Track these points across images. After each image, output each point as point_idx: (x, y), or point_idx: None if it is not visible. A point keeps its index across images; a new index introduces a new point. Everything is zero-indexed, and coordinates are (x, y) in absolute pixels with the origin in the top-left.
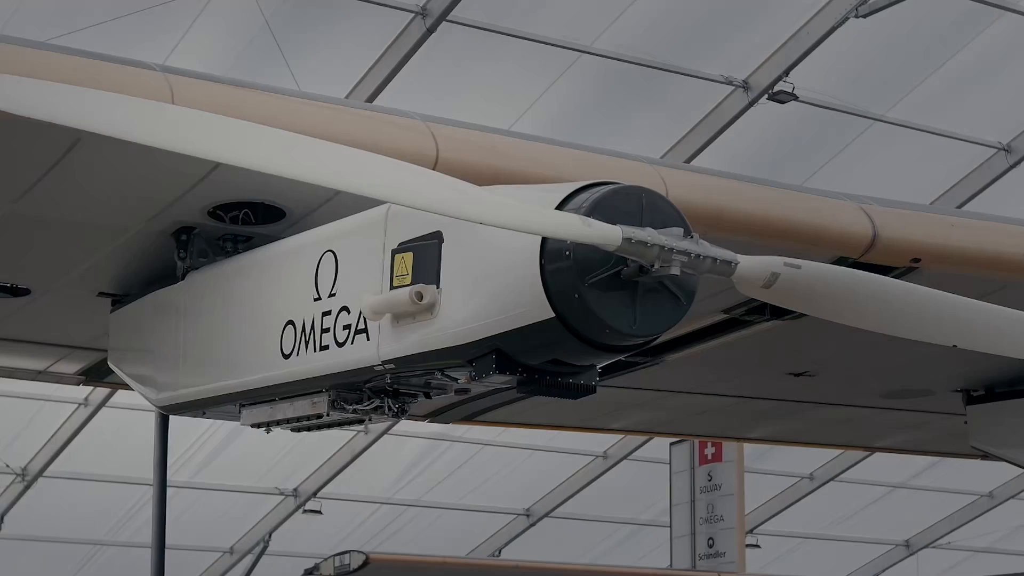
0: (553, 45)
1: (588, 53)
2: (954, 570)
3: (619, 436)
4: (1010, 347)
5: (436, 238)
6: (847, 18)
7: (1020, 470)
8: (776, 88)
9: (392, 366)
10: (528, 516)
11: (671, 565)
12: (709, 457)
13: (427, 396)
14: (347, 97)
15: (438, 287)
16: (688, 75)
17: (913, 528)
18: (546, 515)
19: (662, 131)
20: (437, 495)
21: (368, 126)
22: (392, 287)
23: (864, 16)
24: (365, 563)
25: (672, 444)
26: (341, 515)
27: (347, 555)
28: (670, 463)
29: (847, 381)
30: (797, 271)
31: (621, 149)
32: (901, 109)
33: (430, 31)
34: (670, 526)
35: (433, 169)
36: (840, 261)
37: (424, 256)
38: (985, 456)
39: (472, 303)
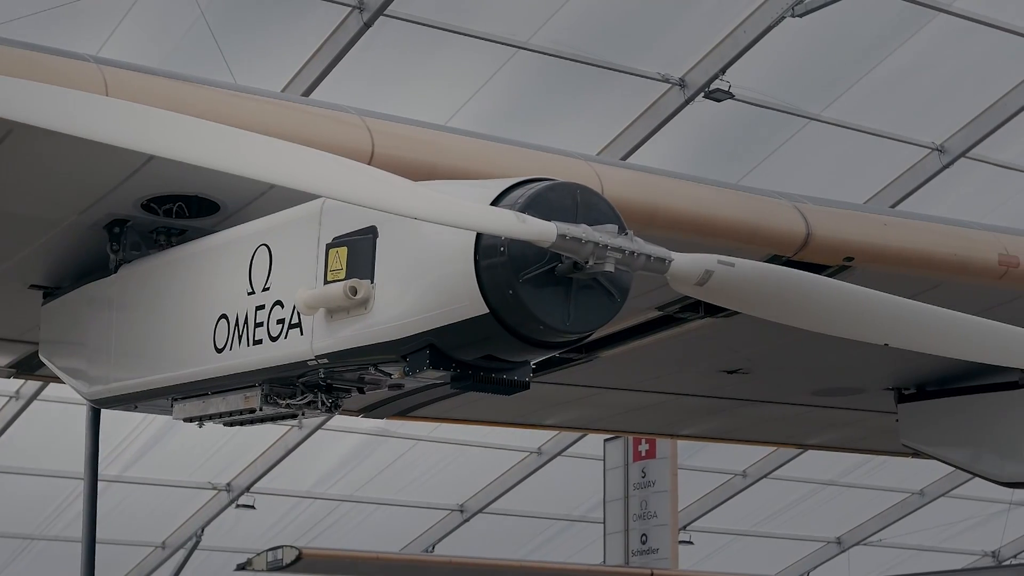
0: (491, 41)
1: (526, 49)
2: (885, 567)
3: (553, 432)
4: (941, 346)
5: (371, 233)
6: (783, 17)
7: (950, 468)
8: (712, 86)
9: (326, 361)
10: (462, 512)
11: (604, 561)
12: (643, 454)
13: (361, 391)
14: (283, 91)
15: (372, 282)
16: (625, 72)
17: (845, 525)
18: (480, 511)
19: (599, 128)
20: (371, 490)
21: (303, 120)
22: (326, 282)
23: (800, 16)
24: (298, 558)
25: (606, 440)
26: (274, 510)
27: (280, 550)
28: (604, 459)
29: (780, 379)
30: (730, 269)
31: (558, 146)
32: (836, 108)
33: (367, 25)
34: (604, 522)
35: (368, 164)
36: (774, 259)
37: (358, 251)
38: (916, 454)
39: (406, 298)
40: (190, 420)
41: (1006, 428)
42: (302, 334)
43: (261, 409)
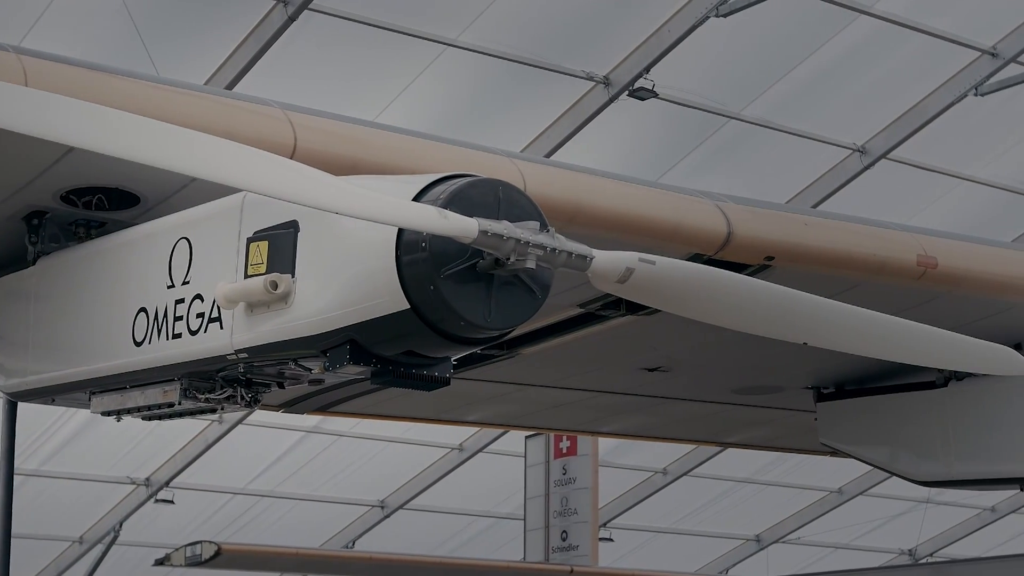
0: (418, 37)
1: (454, 47)
2: (803, 565)
3: (475, 429)
4: (859, 346)
5: (292, 227)
6: (708, 17)
7: (868, 467)
8: (637, 85)
9: (245, 355)
10: (383, 508)
11: (524, 558)
12: (564, 451)
13: (281, 386)
14: (206, 84)
15: (293, 276)
16: (550, 70)
17: (764, 523)
18: (400, 507)
19: (524, 125)
20: (291, 486)
21: (225, 113)
22: (246, 276)
23: (724, 16)
24: (217, 554)
25: (527, 437)
26: (193, 505)
27: (198, 545)
28: (525, 456)
29: (700, 377)
30: (651, 267)
31: (482, 142)
32: (759, 108)
33: (292, 19)
34: (524, 519)
35: (291, 158)
36: (695, 258)
37: (279, 245)
38: (834, 452)
39: (327, 293)
40: (108, 414)
41: (923, 428)
42: (222, 328)
43: (180, 403)
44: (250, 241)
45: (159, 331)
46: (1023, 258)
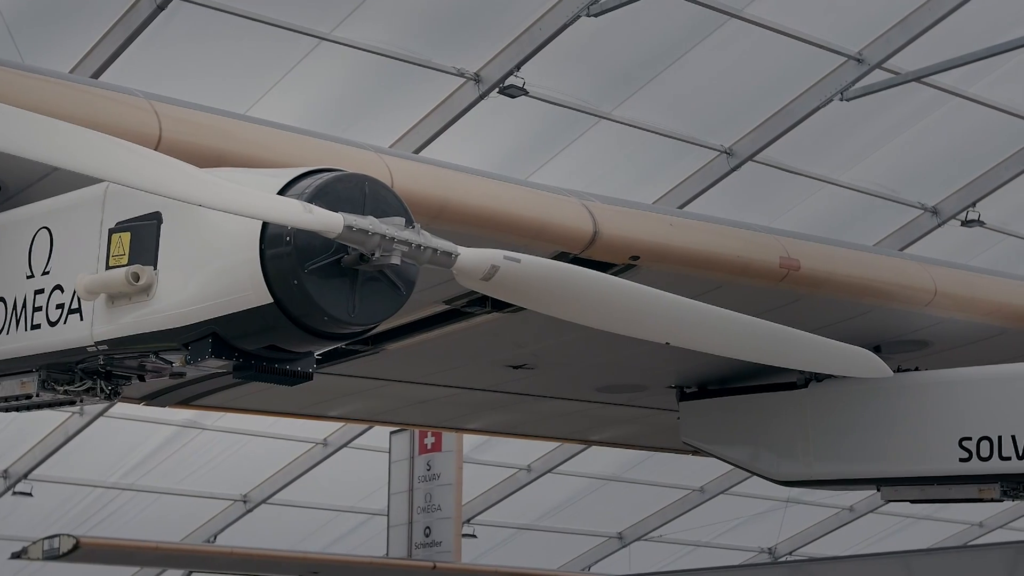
0: (291, 31)
1: (327, 40)
2: (665, 562)
3: (339, 424)
4: (721, 346)
5: (155, 219)
6: (579, 16)
7: (730, 466)
8: (507, 82)
9: (105, 347)
10: (245, 502)
11: (388, 554)
12: (429, 447)
13: (141, 379)
14: (71, 72)
15: (155, 269)
16: (421, 66)
17: (626, 520)
18: (263, 501)
19: (394, 121)
20: (153, 479)
21: (88, 101)
22: (108, 267)
23: (595, 15)
24: (75, 547)
25: (392, 433)
26: (52, 498)
27: (56, 538)
28: (390, 452)
29: (565, 375)
30: (516, 265)
31: (353, 137)
32: (628, 108)
33: (160, 8)
34: (388, 515)
35: (156, 148)
36: (561, 256)
37: (142, 237)
38: (696, 452)
39: (190, 286)
40: None
41: (783, 428)
42: (82, 319)
43: (38, 395)
44: (112, 232)
45: (17, 321)
46: (884, 262)
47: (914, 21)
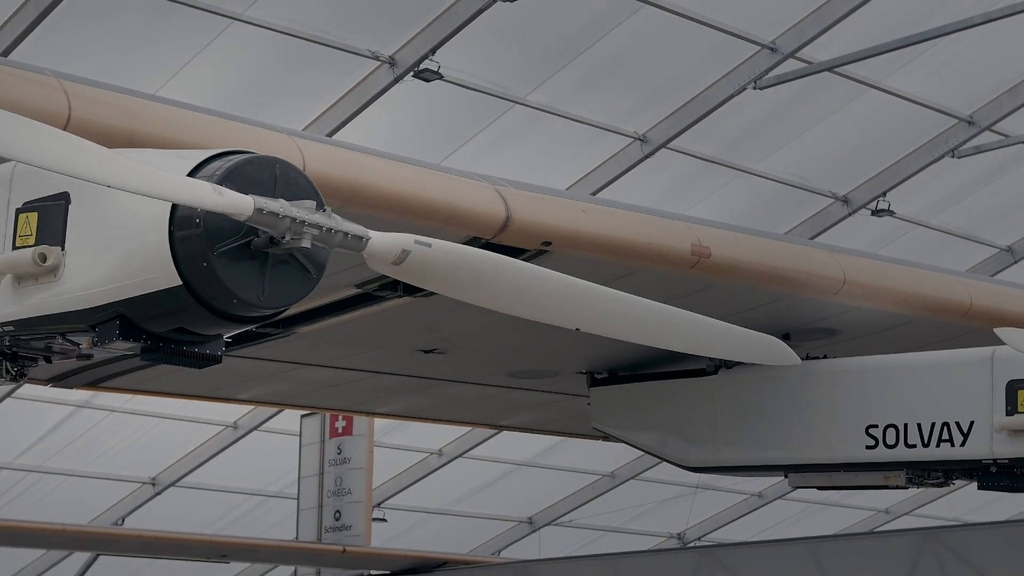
0: (203, 10)
1: (240, 20)
2: (575, 547)
3: (249, 407)
4: (631, 333)
5: (63, 199)
6: (495, 1)
7: (640, 452)
8: (422, 66)
9: (11, 328)
10: (154, 485)
11: (297, 537)
12: (339, 430)
13: (48, 360)
14: None
15: (63, 249)
16: (336, 48)
17: (537, 505)
18: (172, 484)
19: (307, 103)
20: (59, 461)
21: None
22: (14, 247)
23: (512, 0)
24: None
25: (303, 417)
26: None
27: None
28: (300, 435)
29: (476, 360)
30: (427, 250)
31: (266, 119)
32: (543, 94)
33: None
34: (298, 498)
35: (65, 128)
36: (473, 241)
37: (50, 217)
38: (606, 437)
39: (98, 267)
40: None
41: (693, 414)
42: None
43: None
44: (19, 212)
45: None
46: (794, 250)
47: (828, 11)
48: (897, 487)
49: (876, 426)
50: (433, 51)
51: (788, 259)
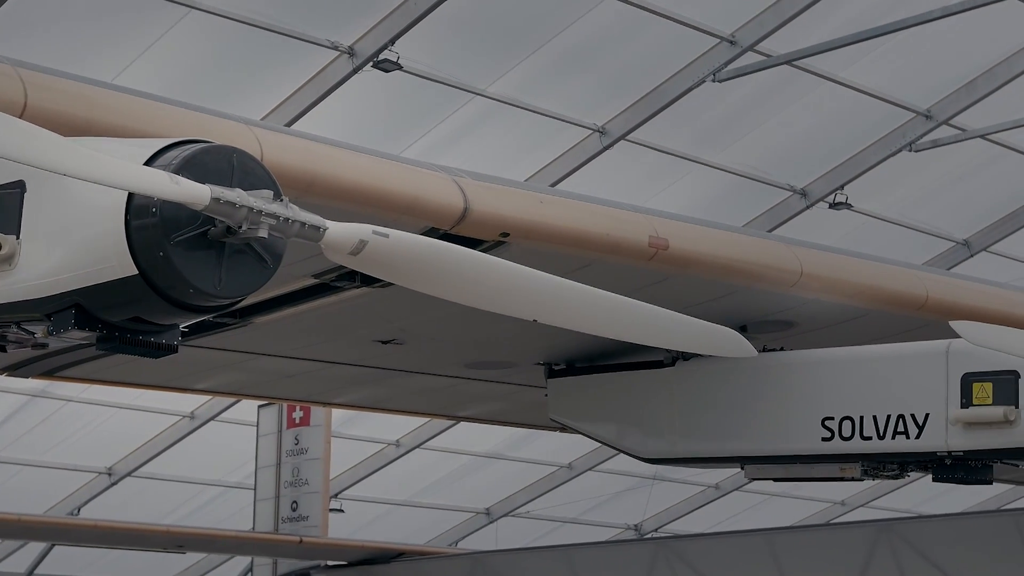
0: None
1: (197, 9)
2: (532, 538)
3: (206, 397)
4: (588, 324)
5: (19, 188)
6: None
7: (598, 443)
8: (382, 57)
9: None
10: (110, 475)
11: (254, 528)
12: (297, 421)
13: (3, 349)
14: None
15: (18, 238)
16: (294, 37)
17: (494, 496)
18: (128, 474)
19: (266, 93)
20: (15, 450)
21: None
22: None
23: None
24: None
25: (260, 407)
26: None
27: None
28: (257, 426)
29: (433, 350)
30: (385, 240)
31: (224, 109)
32: (503, 86)
33: None
34: (255, 489)
35: (21, 116)
36: (431, 232)
37: (5, 205)
38: (564, 428)
39: (54, 256)
40: None
41: (649, 405)
42: None
43: None
44: None
45: None
46: (751, 242)
47: (787, 5)
48: (853, 479)
49: (832, 418)
50: (392, 41)
51: (745, 251)
